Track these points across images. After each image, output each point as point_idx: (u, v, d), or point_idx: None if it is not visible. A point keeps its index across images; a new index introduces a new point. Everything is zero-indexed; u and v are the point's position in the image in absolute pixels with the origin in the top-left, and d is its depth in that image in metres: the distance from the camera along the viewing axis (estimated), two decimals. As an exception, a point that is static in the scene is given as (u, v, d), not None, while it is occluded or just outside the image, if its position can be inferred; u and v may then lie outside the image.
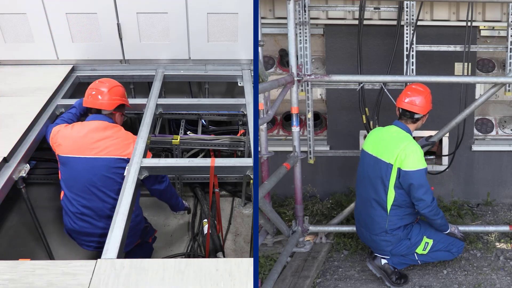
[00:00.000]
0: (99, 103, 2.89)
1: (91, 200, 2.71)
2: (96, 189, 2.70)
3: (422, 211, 2.65)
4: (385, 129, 2.84)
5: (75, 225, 2.77)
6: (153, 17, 3.72)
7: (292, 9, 2.84)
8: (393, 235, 2.75)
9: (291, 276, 2.90)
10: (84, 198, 2.72)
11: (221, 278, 1.91)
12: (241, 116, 4.10)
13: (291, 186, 3.17)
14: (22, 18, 3.65)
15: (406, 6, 3.27)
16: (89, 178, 2.69)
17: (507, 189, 3.83)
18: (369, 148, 2.82)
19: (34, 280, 1.88)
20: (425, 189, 2.60)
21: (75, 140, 2.74)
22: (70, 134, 2.78)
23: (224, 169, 2.84)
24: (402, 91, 2.85)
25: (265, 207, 2.76)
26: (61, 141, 2.78)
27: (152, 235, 3.33)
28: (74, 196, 2.74)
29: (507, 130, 3.77)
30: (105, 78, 3.07)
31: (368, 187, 2.79)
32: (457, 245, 2.86)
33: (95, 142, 2.72)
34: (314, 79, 3.11)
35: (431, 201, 2.61)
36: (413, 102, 2.75)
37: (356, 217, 2.98)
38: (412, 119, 2.78)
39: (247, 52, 3.94)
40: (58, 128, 2.87)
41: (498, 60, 3.71)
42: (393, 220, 2.73)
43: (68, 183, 2.76)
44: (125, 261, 2.00)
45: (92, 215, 2.73)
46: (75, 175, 2.73)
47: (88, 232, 2.78)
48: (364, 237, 2.92)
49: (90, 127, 2.79)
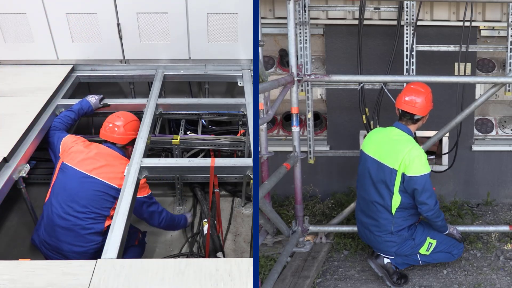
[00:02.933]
0: (114, 137, 3.04)
1: (67, 212, 2.69)
2: (76, 204, 2.69)
3: (425, 214, 2.66)
4: (386, 132, 2.79)
5: (45, 233, 2.75)
6: (153, 17, 3.72)
7: (292, 9, 2.84)
8: (399, 235, 2.75)
9: (291, 276, 2.90)
10: (62, 208, 2.70)
11: (221, 278, 1.91)
12: (241, 116, 4.10)
13: (291, 186, 3.17)
14: (22, 18, 3.65)
15: (406, 6, 3.27)
16: (77, 190, 2.71)
17: (507, 189, 3.83)
18: (371, 151, 2.78)
19: (34, 280, 1.88)
20: (429, 193, 2.60)
21: (84, 157, 2.83)
22: (83, 150, 2.88)
23: (224, 169, 2.84)
24: (402, 91, 2.79)
25: (265, 207, 2.76)
26: (73, 154, 2.86)
27: (136, 237, 3.22)
28: (55, 204, 2.73)
29: (507, 130, 3.77)
30: (122, 112, 3.23)
31: (371, 191, 2.77)
32: (458, 247, 2.86)
33: (101, 167, 2.78)
34: (314, 79, 3.11)
35: (434, 205, 2.61)
36: (413, 103, 2.69)
37: (359, 218, 2.95)
38: (412, 120, 2.73)
39: (247, 52, 3.94)
40: (75, 139, 2.98)
41: (498, 60, 3.71)
42: (398, 222, 2.72)
43: (55, 190, 2.78)
44: (125, 261, 2.00)
45: (63, 227, 2.69)
46: (65, 184, 2.76)
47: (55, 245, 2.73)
48: (367, 238, 2.90)
49: (103, 151, 2.92)
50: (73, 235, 2.67)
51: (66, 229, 2.68)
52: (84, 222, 2.67)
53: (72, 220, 2.67)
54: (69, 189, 2.73)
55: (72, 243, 2.67)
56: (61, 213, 2.68)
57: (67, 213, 2.68)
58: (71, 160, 2.83)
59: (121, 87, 4.38)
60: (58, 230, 2.69)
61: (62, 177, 2.80)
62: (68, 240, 2.68)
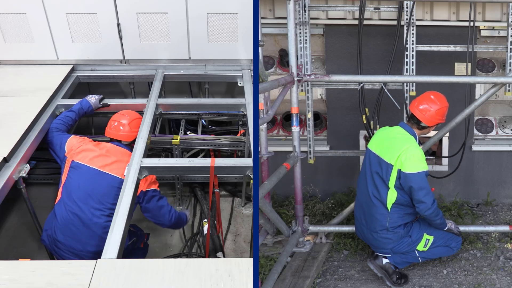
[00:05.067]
0: (120, 134, 3.09)
1: (83, 210, 2.70)
2: (92, 200, 2.71)
3: (423, 214, 2.68)
4: (390, 130, 2.87)
5: (59, 232, 2.74)
6: (153, 17, 3.72)
7: (292, 9, 2.84)
8: (394, 232, 2.76)
9: (291, 276, 2.90)
10: (77, 206, 2.71)
11: (221, 278, 1.90)
12: (241, 116, 4.10)
13: (291, 186, 3.17)
14: (22, 18, 3.65)
15: (406, 6, 3.27)
16: (92, 187, 2.73)
17: (507, 189, 3.83)
18: (373, 146, 2.85)
19: (34, 280, 1.88)
20: (426, 192, 2.61)
21: (96, 155, 2.86)
22: (93, 149, 2.91)
23: (224, 169, 2.84)
24: (420, 96, 2.84)
25: (265, 207, 2.76)
26: (84, 152, 2.88)
27: (142, 240, 3.27)
28: (69, 202, 2.73)
29: (507, 130, 3.77)
30: (126, 110, 3.28)
31: (370, 183, 2.82)
32: (456, 240, 2.88)
33: (112, 163, 2.82)
34: (314, 79, 3.11)
35: (432, 204, 2.62)
36: (425, 111, 2.77)
37: (356, 215, 2.98)
38: (418, 125, 2.81)
39: (247, 52, 3.94)
40: (81, 139, 3.00)
41: (498, 60, 3.71)
42: (393, 218, 2.75)
43: (68, 189, 2.77)
44: (125, 261, 2.00)
45: (79, 225, 2.69)
46: (79, 182, 2.76)
47: (69, 244, 2.73)
48: (364, 235, 2.93)
49: (112, 148, 2.95)
50: (89, 233, 2.67)
51: (82, 226, 2.68)
52: (100, 220, 2.68)
53: (88, 216, 2.67)
54: (84, 186, 2.74)
55: (87, 241, 2.67)
56: (77, 211, 2.69)
57: (83, 211, 2.68)
58: (82, 158, 2.84)
59: (121, 87, 4.38)
60: (73, 228, 2.69)
61: (74, 176, 2.80)
62: (83, 239, 2.68)
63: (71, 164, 2.85)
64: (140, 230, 3.30)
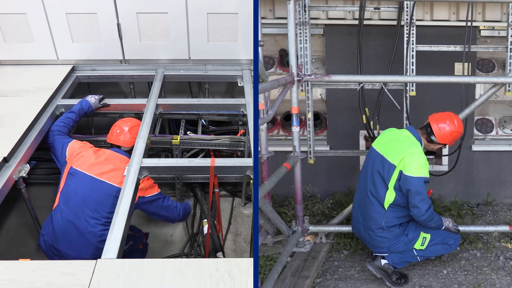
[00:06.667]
0: (121, 140, 3.10)
1: (79, 218, 2.69)
2: (88, 208, 2.70)
3: (417, 218, 2.69)
4: (397, 131, 2.87)
5: (54, 239, 2.74)
6: (153, 17, 3.72)
7: (292, 9, 2.84)
8: (390, 231, 2.77)
9: (291, 276, 2.90)
10: (73, 213, 2.70)
11: (221, 278, 1.91)
12: (241, 116, 4.09)
13: (291, 186, 3.17)
14: (22, 18, 3.65)
15: (406, 6, 3.27)
16: (88, 195, 2.72)
17: (507, 189, 3.83)
18: (378, 146, 2.85)
19: (34, 280, 1.88)
20: (422, 198, 2.62)
21: (94, 162, 2.84)
22: (92, 155, 2.90)
23: (224, 169, 2.84)
24: (444, 113, 2.84)
25: (265, 207, 2.76)
26: (82, 158, 2.87)
27: (141, 241, 3.27)
28: (66, 209, 2.72)
29: (507, 130, 3.77)
30: (128, 118, 3.31)
31: (369, 182, 2.81)
32: (454, 237, 2.88)
33: (110, 171, 2.80)
34: (314, 79, 3.11)
35: (426, 210, 2.63)
36: (441, 129, 2.78)
37: (354, 213, 2.99)
38: (428, 136, 2.81)
39: (247, 52, 3.94)
40: (82, 144, 3.01)
41: (498, 60, 3.71)
42: (389, 218, 2.75)
43: (65, 195, 2.77)
44: (125, 261, 2.00)
45: (74, 232, 2.69)
46: (76, 189, 2.76)
47: (64, 251, 2.72)
48: (360, 233, 2.93)
49: (111, 155, 2.94)
50: (84, 241, 2.67)
51: (78, 234, 2.67)
52: (95, 228, 2.67)
53: (84, 225, 2.67)
54: (80, 194, 2.73)
55: (83, 249, 2.66)
56: (73, 218, 2.68)
57: (79, 218, 2.67)
58: (80, 165, 2.83)
59: (121, 87, 4.38)
60: (68, 236, 2.68)
61: (71, 183, 2.79)
62: (79, 247, 2.67)
63: (69, 170, 2.85)
64: (138, 231, 3.30)
